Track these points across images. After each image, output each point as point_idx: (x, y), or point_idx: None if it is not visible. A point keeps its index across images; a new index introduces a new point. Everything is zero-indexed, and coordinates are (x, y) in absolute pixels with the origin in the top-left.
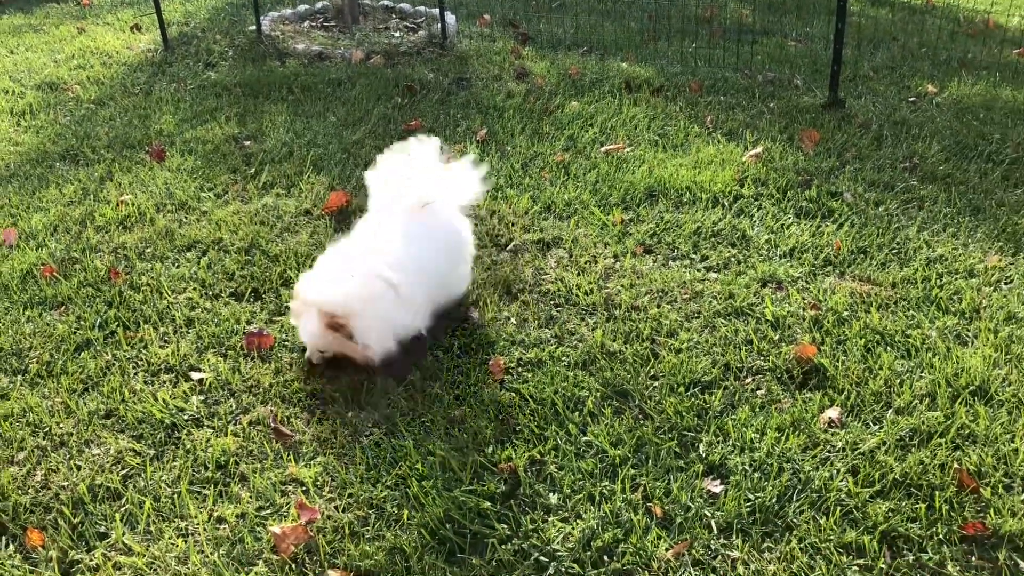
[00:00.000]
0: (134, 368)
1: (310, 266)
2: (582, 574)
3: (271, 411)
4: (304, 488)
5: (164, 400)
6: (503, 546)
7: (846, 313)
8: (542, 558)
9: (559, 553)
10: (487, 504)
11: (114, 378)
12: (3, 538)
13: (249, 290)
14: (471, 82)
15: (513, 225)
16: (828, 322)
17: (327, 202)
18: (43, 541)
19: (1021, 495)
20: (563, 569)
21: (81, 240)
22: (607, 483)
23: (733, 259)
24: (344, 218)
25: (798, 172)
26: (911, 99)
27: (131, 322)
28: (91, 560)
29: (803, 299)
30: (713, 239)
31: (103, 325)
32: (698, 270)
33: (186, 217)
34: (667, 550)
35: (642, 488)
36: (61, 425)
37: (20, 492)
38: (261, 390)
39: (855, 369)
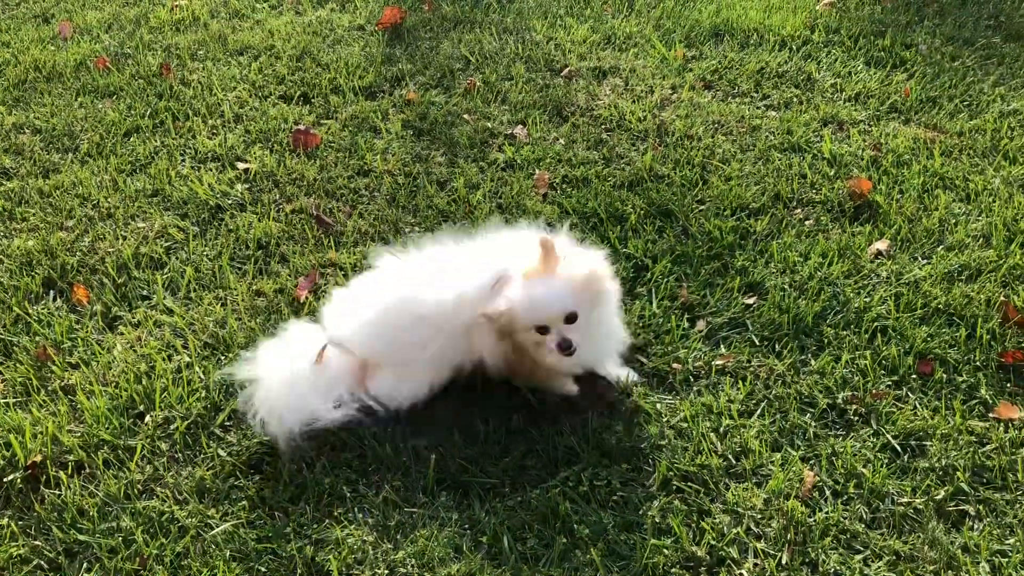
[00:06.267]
0: (181, 154)
1: (360, 78)
2: None
3: (314, 202)
4: (344, 272)
5: (210, 184)
6: None
7: (907, 156)
8: None
9: None
10: None
11: (162, 162)
12: (52, 292)
13: (298, 94)
14: None
15: (569, 52)
16: (887, 162)
17: (381, 18)
18: (88, 297)
19: None
20: None
21: (135, 38)
22: (643, 290)
23: (795, 99)
24: (397, 35)
25: (873, 23)
26: None
27: (181, 113)
28: (133, 317)
29: (864, 141)
30: (776, 79)
31: (153, 114)
32: (758, 107)
33: (239, 24)
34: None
35: (681, 299)
36: (109, 199)
37: (68, 253)
38: (305, 183)
39: (909, 207)
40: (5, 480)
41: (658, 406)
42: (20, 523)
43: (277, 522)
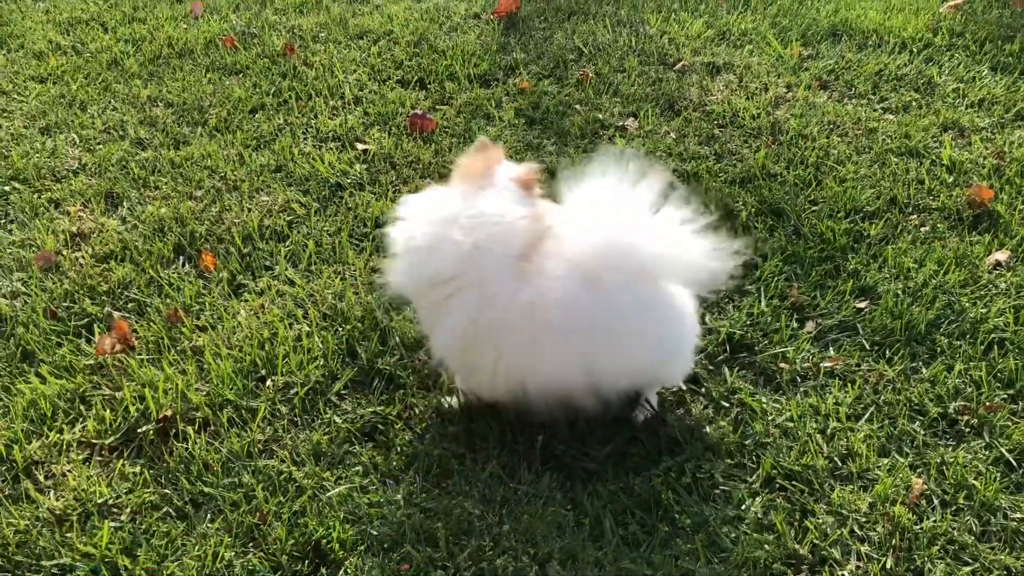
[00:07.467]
0: (304, 133)
1: (475, 66)
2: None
3: (429, 184)
4: None
5: (330, 163)
6: None
7: None
8: None
9: None
10: None
11: (285, 139)
12: (181, 257)
13: (415, 79)
14: None
15: (683, 47)
16: (1011, 171)
17: (497, 7)
18: (215, 264)
19: None
20: None
21: (260, 18)
22: (752, 287)
23: (914, 103)
24: (512, 24)
25: (1001, 27)
26: None
27: (303, 93)
28: (257, 286)
29: (986, 148)
30: (895, 82)
31: (277, 93)
32: (875, 109)
33: (359, 8)
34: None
35: (791, 299)
36: (235, 172)
37: (197, 222)
38: (421, 166)
39: None
40: (139, 431)
41: (764, 404)
42: (151, 472)
43: (388, 489)
